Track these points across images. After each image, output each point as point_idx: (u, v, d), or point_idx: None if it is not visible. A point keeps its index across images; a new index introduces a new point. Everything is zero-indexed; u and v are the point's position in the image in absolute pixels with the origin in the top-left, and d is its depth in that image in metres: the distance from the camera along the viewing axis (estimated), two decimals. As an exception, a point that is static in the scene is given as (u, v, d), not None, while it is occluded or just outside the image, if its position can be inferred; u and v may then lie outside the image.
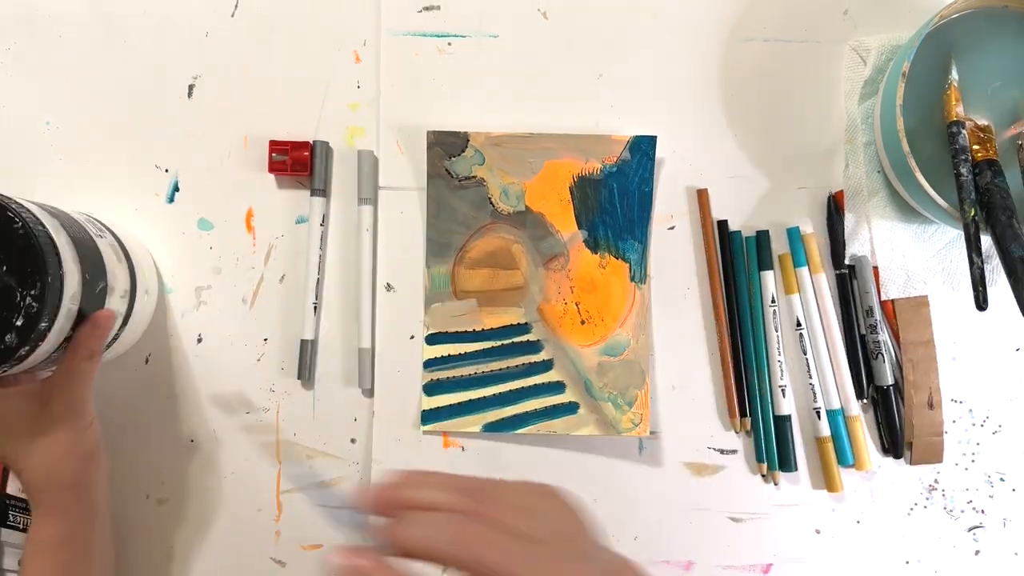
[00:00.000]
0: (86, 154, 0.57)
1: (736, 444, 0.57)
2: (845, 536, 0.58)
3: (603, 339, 0.57)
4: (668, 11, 0.57)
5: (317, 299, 0.56)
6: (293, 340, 0.57)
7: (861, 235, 0.57)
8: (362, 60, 0.57)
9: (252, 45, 0.57)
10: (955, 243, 0.57)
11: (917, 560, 0.58)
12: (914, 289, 0.57)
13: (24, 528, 0.55)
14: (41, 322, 0.41)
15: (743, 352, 0.57)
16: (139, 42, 0.57)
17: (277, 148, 0.55)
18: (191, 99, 0.57)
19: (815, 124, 0.58)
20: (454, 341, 0.57)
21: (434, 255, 0.57)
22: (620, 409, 0.56)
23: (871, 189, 0.56)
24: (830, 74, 0.58)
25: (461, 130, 0.56)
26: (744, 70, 0.58)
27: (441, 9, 0.57)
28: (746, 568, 0.58)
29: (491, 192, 0.57)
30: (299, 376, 0.56)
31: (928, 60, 0.52)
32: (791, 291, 0.57)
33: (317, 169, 0.56)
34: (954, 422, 0.58)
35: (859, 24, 0.57)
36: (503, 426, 0.56)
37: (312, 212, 0.56)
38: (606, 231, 0.57)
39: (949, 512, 0.58)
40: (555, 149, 0.56)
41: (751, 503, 0.57)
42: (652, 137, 0.56)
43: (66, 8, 0.57)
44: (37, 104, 0.57)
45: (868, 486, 0.57)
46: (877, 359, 0.56)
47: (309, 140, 0.56)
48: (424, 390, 0.57)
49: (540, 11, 0.57)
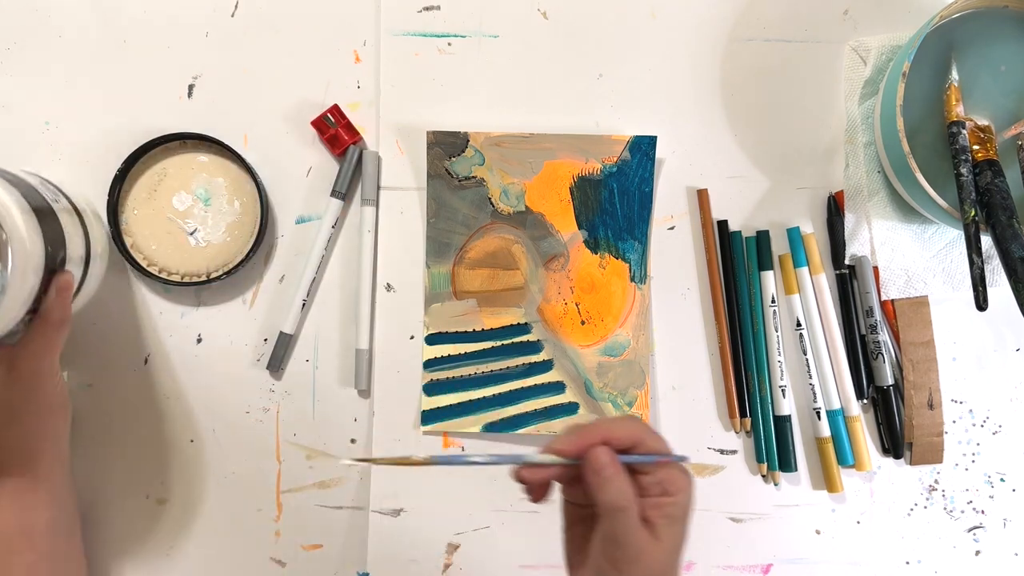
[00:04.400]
0: (86, 154, 0.57)
1: (736, 444, 0.57)
2: (845, 536, 0.58)
3: (603, 339, 0.57)
4: (668, 11, 0.57)
5: (308, 296, 0.56)
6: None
7: (861, 235, 0.57)
8: (362, 60, 0.57)
9: (252, 45, 0.57)
10: (955, 243, 0.57)
11: (917, 560, 0.58)
12: (914, 289, 0.57)
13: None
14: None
15: (743, 352, 0.57)
16: (139, 42, 0.57)
17: (336, 113, 0.56)
18: (191, 99, 0.57)
19: (815, 124, 0.58)
20: (454, 341, 0.57)
21: (434, 255, 0.57)
22: (620, 409, 0.56)
23: (871, 189, 0.56)
24: (830, 74, 0.58)
25: (461, 130, 0.56)
26: (744, 70, 0.57)
27: (441, 9, 0.57)
28: (746, 568, 0.58)
29: (491, 192, 0.57)
30: (268, 367, 0.56)
31: (928, 60, 0.52)
32: (791, 291, 0.57)
33: (344, 172, 0.56)
34: (954, 422, 0.58)
35: (859, 24, 0.57)
36: (503, 426, 0.56)
37: (327, 213, 0.56)
38: (606, 231, 0.57)
39: (949, 512, 0.58)
40: (555, 149, 0.56)
41: (751, 503, 0.57)
42: (652, 137, 0.56)
43: (66, 8, 0.57)
44: (37, 104, 0.57)
45: (868, 486, 0.57)
46: (877, 359, 0.56)
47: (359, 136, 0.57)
48: (424, 390, 0.57)
49: (540, 11, 0.57)
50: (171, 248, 0.55)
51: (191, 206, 0.55)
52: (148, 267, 0.55)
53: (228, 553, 0.57)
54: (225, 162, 0.56)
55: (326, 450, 0.57)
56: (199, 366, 0.57)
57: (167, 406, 0.57)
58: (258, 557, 0.57)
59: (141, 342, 0.57)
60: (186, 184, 0.55)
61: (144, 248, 0.55)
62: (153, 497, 0.57)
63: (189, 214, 0.55)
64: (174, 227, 0.55)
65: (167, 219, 0.55)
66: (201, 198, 0.55)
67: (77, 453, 0.56)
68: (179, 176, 0.55)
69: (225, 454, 0.57)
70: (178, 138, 0.55)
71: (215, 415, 0.57)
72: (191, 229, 0.55)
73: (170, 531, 0.57)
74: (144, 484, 0.57)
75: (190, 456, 0.57)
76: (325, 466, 0.57)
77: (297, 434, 0.57)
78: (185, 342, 0.57)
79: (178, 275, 0.55)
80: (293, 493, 0.57)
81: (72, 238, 0.48)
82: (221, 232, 0.55)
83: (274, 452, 0.57)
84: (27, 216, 0.43)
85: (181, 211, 0.55)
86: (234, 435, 0.57)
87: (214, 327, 0.57)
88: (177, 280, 0.55)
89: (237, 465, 0.57)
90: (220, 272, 0.55)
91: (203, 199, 0.55)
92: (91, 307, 0.56)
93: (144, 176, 0.55)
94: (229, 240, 0.55)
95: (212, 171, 0.55)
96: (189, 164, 0.56)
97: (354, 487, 0.57)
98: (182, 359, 0.57)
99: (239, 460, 0.57)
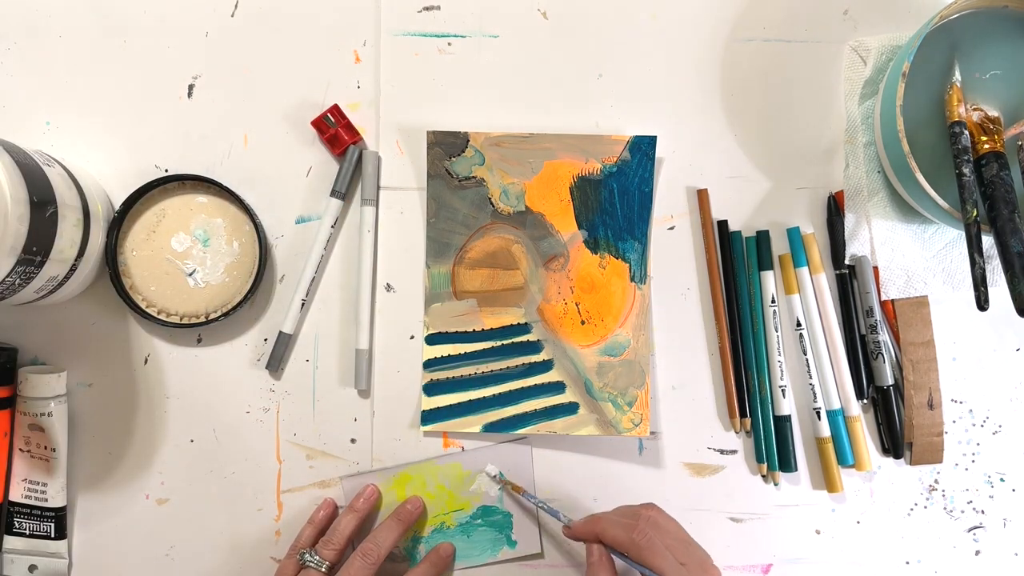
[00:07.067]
0: (86, 154, 0.57)
1: (736, 444, 0.57)
2: (845, 536, 0.58)
3: (603, 339, 0.57)
4: (668, 11, 0.57)
5: (308, 296, 0.56)
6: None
7: (861, 235, 0.57)
8: (362, 60, 0.57)
9: (252, 45, 0.57)
10: (955, 243, 0.57)
11: (917, 560, 0.58)
12: (914, 289, 0.57)
13: (29, 534, 0.55)
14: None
15: (743, 352, 0.57)
16: (139, 42, 0.57)
17: (336, 113, 0.56)
18: (191, 99, 0.57)
19: (815, 124, 0.58)
20: (454, 341, 0.57)
21: (434, 255, 0.57)
22: (620, 409, 0.56)
23: (871, 189, 0.56)
24: (830, 74, 0.58)
25: (461, 130, 0.56)
26: (744, 70, 0.58)
27: (441, 9, 0.57)
28: (746, 568, 0.58)
29: (491, 192, 0.57)
30: (268, 366, 0.56)
31: (928, 60, 0.52)
32: (791, 291, 0.57)
33: (344, 172, 0.56)
34: (954, 422, 0.58)
35: (859, 24, 0.57)
36: (503, 426, 0.56)
37: (327, 213, 0.56)
38: (606, 231, 0.57)
39: (949, 512, 0.58)
40: (555, 149, 0.56)
41: (751, 503, 0.57)
42: (652, 137, 0.56)
43: (66, 8, 0.57)
44: (37, 104, 0.57)
45: (868, 486, 0.57)
46: (877, 359, 0.56)
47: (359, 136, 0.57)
48: (424, 390, 0.57)
49: (540, 11, 0.57)
50: (170, 289, 0.55)
51: (190, 247, 0.55)
52: (147, 308, 0.55)
53: (228, 553, 0.57)
54: (223, 203, 0.56)
55: (326, 450, 0.57)
56: (199, 366, 0.57)
57: (167, 406, 0.57)
58: (258, 557, 0.57)
59: (141, 342, 0.57)
60: (185, 225, 0.55)
61: (143, 290, 0.55)
62: (153, 497, 0.57)
63: (188, 255, 0.55)
64: (173, 268, 0.55)
65: (166, 260, 0.55)
66: (200, 239, 0.55)
67: (77, 453, 0.57)
68: (178, 217, 0.55)
69: (225, 454, 0.57)
70: (176, 179, 0.55)
71: (215, 415, 0.57)
72: (190, 270, 0.55)
73: (170, 531, 0.57)
74: (144, 484, 0.57)
75: (190, 456, 0.57)
76: (325, 466, 0.57)
77: (297, 434, 0.57)
78: (185, 342, 0.57)
79: (177, 316, 0.55)
80: (293, 493, 0.57)
81: (65, 198, 0.48)
82: (220, 273, 0.55)
83: (274, 452, 0.57)
84: (4, 158, 0.43)
85: (180, 252, 0.55)
86: (234, 435, 0.57)
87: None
88: (176, 322, 0.55)
89: (237, 465, 0.57)
90: (219, 313, 0.55)
91: (202, 240, 0.55)
92: (91, 307, 0.56)
93: (143, 217, 0.55)
94: (228, 281, 0.55)
95: (211, 212, 0.55)
96: (188, 205, 0.55)
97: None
98: (182, 359, 0.57)
99: (239, 460, 0.57)
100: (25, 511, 0.55)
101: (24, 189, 0.44)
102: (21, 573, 0.55)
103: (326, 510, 0.56)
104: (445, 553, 0.56)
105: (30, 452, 0.55)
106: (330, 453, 0.57)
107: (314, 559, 0.52)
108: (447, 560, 0.56)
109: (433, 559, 0.56)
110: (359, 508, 0.55)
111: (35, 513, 0.55)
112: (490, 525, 0.57)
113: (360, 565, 0.52)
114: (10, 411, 0.54)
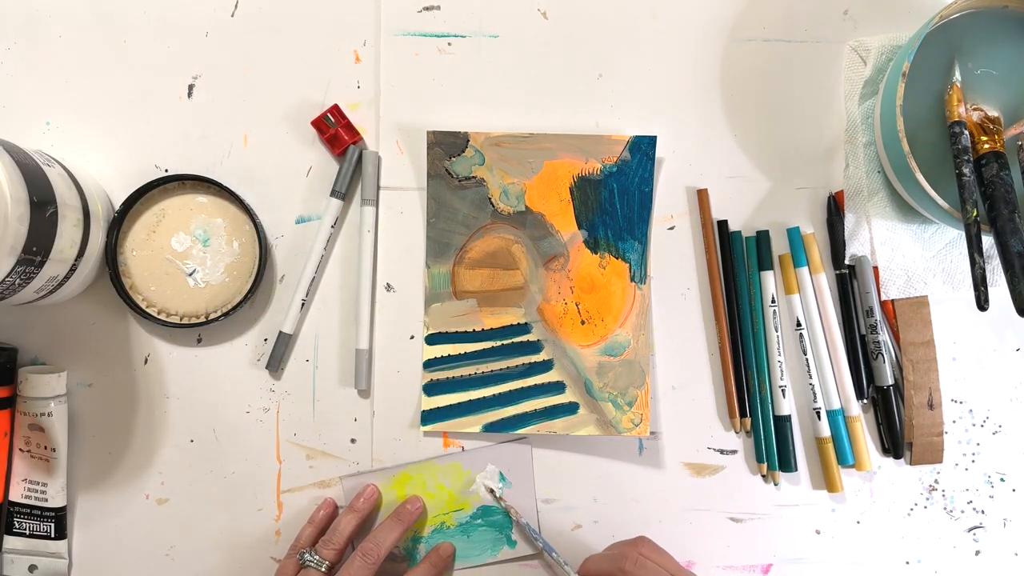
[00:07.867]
0: (86, 154, 0.57)
1: (736, 444, 0.57)
2: (845, 536, 0.58)
3: (603, 339, 0.57)
4: (668, 11, 0.57)
5: (308, 296, 0.56)
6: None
7: (861, 235, 0.57)
8: (362, 60, 0.57)
9: (252, 45, 0.57)
10: (955, 243, 0.57)
11: (917, 560, 0.58)
12: (914, 289, 0.57)
13: (29, 534, 0.55)
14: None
15: (743, 352, 0.57)
16: (139, 42, 0.57)
17: (336, 113, 0.56)
18: (191, 99, 0.57)
19: (815, 124, 0.58)
20: (454, 341, 0.57)
21: (434, 255, 0.57)
22: (620, 409, 0.56)
23: (871, 189, 0.56)
24: (830, 74, 0.58)
25: (461, 130, 0.56)
26: (744, 70, 0.58)
27: (441, 9, 0.57)
28: (746, 568, 0.58)
29: (491, 192, 0.57)
30: (268, 366, 0.56)
31: (928, 60, 0.52)
32: (791, 291, 0.57)
33: (344, 172, 0.56)
34: (954, 422, 0.58)
35: (859, 24, 0.57)
36: (503, 426, 0.56)
37: (327, 213, 0.56)
38: (606, 231, 0.57)
39: (949, 512, 0.58)
40: (555, 149, 0.56)
41: (751, 503, 0.57)
42: (652, 137, 0.56)
43: (66, 8, 0.57)
44: (37, 104, 0.57)
45: (868, 486, 0.57)
46: (877, 359, 0.56)
47: (359, 136, 0.57)
48: (424, 390, 0.57)
49: (540, 11, 0.57)
50: (170, 289, 0.55)
51: (190, 247, 0.55)
52: (147, 308, 0.55)
53: (228, 553, 0.57)
54: (223, 203, 0.56)
55: (326, 450, 0.57)
56: (199, 366, 0.57)
57: (167, 406, 0.57)
58: (258, 557, 0.57)
59: (141, 342, 0.57)
60: (185, 225, 0.55)
61: (143, 290, 0.55)
62: (153, 497, 0.57)
63: (188, 255, 0.55)
64: (173, 268, 0.55)
65: (166, 260, 0.55)
66: (200, 239, 0.55)
67: (77, 453, 0.57)
68: (178, 217, 0.55)
69: (225, 454, 0.57)
70: (176, 179, 0.55)
71: (215, 415, 0.57)
72: (190, 270, 0.55)
73: (170, 531, 0.57)
74: (144, 484, 0.57)
75: (190, 456, 0.57)
76: (325, 466, 0.57)
77: (297, 434, 0.57)
78: (185, 342, 0.57)
79: (177, 316, 0.55)
80: (293, 493, 0.57)
81: (65, 198, 0.48)
82: (220, 273, 0.55)
83: (274, 452, 0.57)
84: (4, 158, 0.43)
85: (180, 252, 0.55)
86: (234, 435, 0.57)
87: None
88: (176, 322, 0.55)
89: (237, 465, 0.57)
90: (219, 313, 0.55)
91: (202, 240, 0.55)
92: (91, 307, 0.56)
93: (143, 217, 0.55)
94: (228, 281, 0.55)
95: (211, 212, 0.55)
96: (188, 205, 0.55)
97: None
98: (182, 359, 0.57)
99: (239, 460, 0.57)
100: (25, 511, 0.55)
101: (24, 189, 0.44)
102: (21, 573, 0.55)
103: (326, 510, 0.56)
104: (445, 553, 0.56)
105: (30, 452, 0.55)
106: (330, 453, 0.57)
107: (314, 559, 0.52)
108: (447, 560, 0.56)
109: (433, 559, 0.56)
110: (359, 508, 0.55)
111: (35, 513, 0.55)
112: (490, 525, 0.57)
113: (360, 565, 0.52)
114: (10, 411, 0.54)
